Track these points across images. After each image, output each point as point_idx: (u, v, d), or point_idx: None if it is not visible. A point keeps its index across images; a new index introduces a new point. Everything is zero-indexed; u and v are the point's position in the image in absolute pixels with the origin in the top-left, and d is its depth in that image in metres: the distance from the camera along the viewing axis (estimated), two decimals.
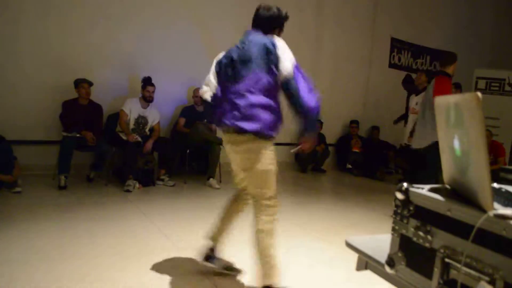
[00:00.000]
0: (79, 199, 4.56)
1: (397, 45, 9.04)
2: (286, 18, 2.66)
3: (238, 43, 2.47)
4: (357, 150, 7.84)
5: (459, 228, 1.01)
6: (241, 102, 2.31)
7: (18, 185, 4.60)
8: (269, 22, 2.55)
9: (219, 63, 2.53)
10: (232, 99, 2.36)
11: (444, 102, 1.16)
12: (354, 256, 1.46)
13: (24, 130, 5.38)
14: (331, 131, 8.07)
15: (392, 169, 8.21)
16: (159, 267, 2.85)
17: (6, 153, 4.66)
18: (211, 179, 5.66)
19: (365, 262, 1.39)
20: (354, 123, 8.01)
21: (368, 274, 1.43)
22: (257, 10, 2.55)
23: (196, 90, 6.10)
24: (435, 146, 3.03)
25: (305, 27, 7.65)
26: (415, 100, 5.63)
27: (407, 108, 7.82)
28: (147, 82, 5.47)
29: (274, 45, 2.35)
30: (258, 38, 2.42)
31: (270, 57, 2.32)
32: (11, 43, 5.24)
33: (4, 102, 5.15)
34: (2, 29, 5.16)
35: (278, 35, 2.58)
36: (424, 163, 4.32)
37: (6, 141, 4.77)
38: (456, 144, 1.08)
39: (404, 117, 8.19)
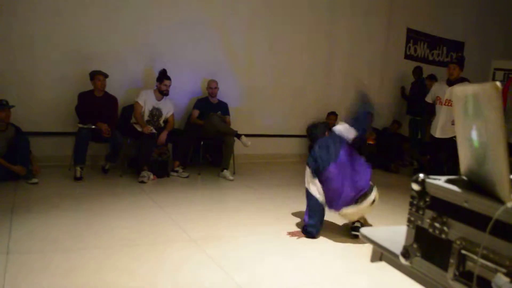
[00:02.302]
0: (94, 190, 4.61)
1: (413, 35, 8.91)
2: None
3: None
4: (371, 142, 7.77)
5: (476, 220, 0.99)
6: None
7: (35, 176, 4.68)
8: None
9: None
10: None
11: (462, 92, 1.14)
12: (368, 248, 1.46)
13: (41, 122, 5.44)
14: None
15: (406, 162, 8.14)
16: (173, 258, 2.88)
17: (23, 145, 4.74)
18: (225, 170, 5.67)
19: (380, 254, 1.38)
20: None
21: (381, 265, 1.43)
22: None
23: (210, 81, 6.11)
24: None
25: (319, 17, 7.59)
26: (450, 92, 5.46)
27: (410, 98, 7.91)
28: (163, 75, 5.48)
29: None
30: None
31: None
32: (27, 35, 5.29)
33: (21, 94, 5.21)
34: (18, 22, 5.21)
35: None
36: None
37: (23, 134, 4.85)
38: (474, 135, 1.06)
39: (406, 98, 8.29)
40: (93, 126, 5.06)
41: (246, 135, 5.75)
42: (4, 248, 2.78)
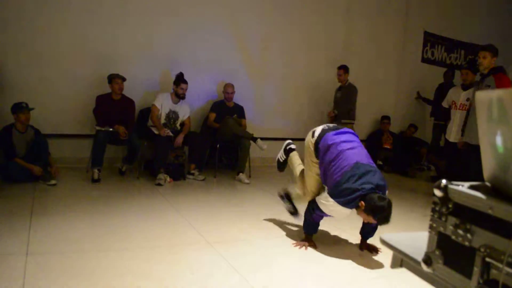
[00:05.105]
0: (111, 192, 4.66)
1: (430, 39, 8.83)
2: None
3: None
4: (388, 147, 7.70)
5: (501, 227, 0.97)
6: None
7: (53, 177, 4.74)
8: None
9: None
10: None
11: (486, 97, 1.12)
12: (385, 253, 1.44)
13: (59, 124, 5.52)
14: (362, 127, 7.96)
15: (424, 166, 8.05)
16: (189, 260, 2.89)
17: (42, 147, 4.81)
18: (240, 173, 5.68)
19: (400, 260, 1.36)
20: (385, 118, 7.87)
21: (401, 271, 1.41)
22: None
23: (227, 85, 6.12)
24: None
25: (334, 21, 7.57)
26: (464, 96, 5.46)
27: (435, 100, 7.71)
28: (180, 79, 5.51)
29: None
30: None
31: None
32: (49, 38, 5.37)
33: (40, 96, 5.28)
34: (40, 27, 5.30)
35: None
36: (469, 158, 4.67)
37: (42, 135, 4.92)
38: (499, 140, 1.04)
39: (429, 103, 8.15)
40: (111, 129, 5.12)
41: (262, 139, 5.74)
42: (24, 249, 2.82)
